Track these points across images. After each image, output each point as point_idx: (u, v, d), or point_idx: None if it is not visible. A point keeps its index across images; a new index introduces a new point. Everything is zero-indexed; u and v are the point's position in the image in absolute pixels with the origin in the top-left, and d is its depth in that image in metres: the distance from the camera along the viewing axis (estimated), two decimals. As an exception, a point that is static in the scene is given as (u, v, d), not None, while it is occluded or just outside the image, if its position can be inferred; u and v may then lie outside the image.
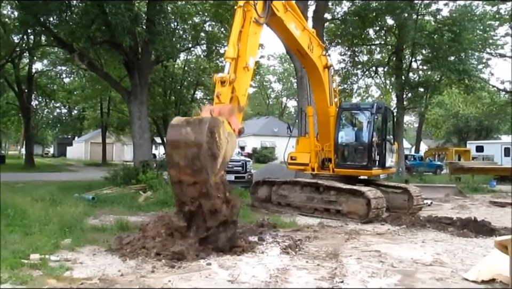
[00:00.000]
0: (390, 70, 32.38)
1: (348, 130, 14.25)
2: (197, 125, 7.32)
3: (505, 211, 15.15)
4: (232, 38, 8.89)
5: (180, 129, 7.46)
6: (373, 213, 11.55)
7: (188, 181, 7.46)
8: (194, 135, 7.24)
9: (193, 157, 7.27)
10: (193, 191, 7.46)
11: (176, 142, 7.45)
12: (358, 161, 13.41)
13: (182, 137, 7.36)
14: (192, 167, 7.32)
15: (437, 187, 20.76)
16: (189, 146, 7.27)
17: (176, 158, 7.45)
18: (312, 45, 12.55)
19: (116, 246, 7.73)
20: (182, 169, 7.43)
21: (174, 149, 7.49)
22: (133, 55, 20.50)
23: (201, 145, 7.17)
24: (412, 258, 7.60)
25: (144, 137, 20.95)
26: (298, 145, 14.70)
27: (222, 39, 27.15)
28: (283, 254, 7.64)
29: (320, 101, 13.68)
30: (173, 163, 7.55)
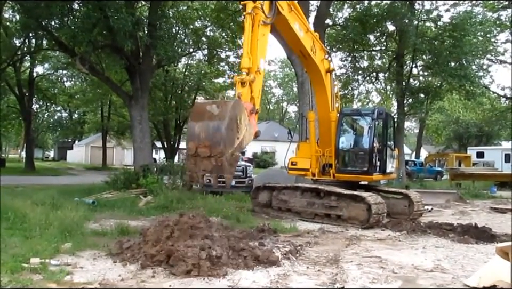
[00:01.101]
0: (390, 75, 32.43)
1: (349, 135, 14.26)
2: (223, 104, 7.84)
3: (506, 217, 15.13)
4: (246, 47, 9.07)
5: (205, 105, 7.95)
6: (373, 218, 11.54)
7: (204, 153, 7.76)
8: (218, 110, 7.66)
9: (214, 129, 7.63)
10: (207, 164, 7.78)
11: (200, 114, 7.81)
12: (359, 166, 13.41)
13: (206, 110, 7.74)
14: (212, 139, 7.65)
15: (438, 193, 20.75)
16: (211, 119, 7.64)
17: (197, 130, 7.77)
18: (315, 47, 12.57)
19: (116, 250, 7.72)
20: (202, 141, 7.75)
21: (197, 121, 7.82)
22: (134, 59, 20.56)
23: (224, 118, 7.53)
24: (412, 264, 7.59)
25: (145, 142, 20.97)
26: (298, 150, 14.65)
27: (223, 44, 27.27)
28: (284, 259, 7.61)
29: (321, 105, 13.67)
30: (193, 135, 7.86)
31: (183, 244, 7.04)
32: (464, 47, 25.63)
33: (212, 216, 12.00)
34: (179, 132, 36.38)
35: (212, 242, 7.28)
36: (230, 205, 14.93)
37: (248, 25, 9.21)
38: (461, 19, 27.32)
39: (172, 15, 23.79)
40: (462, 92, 31.14)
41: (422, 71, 33.47)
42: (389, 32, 30.80)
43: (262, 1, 9.37)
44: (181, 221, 7.73)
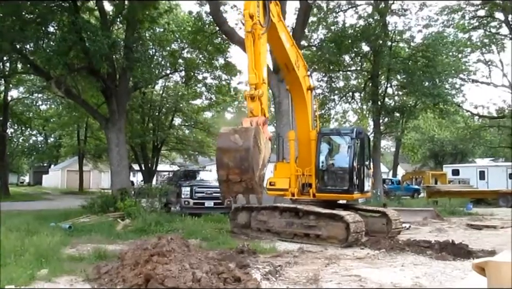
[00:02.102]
0: (366, 95, 32.90)
1: (327, 155, 14.33)
2: (244, 132, 8.71)
3: (482, 233, 15.33)
4: (251, 64, 9.65)
5: (228, 137, 8.76)
6: (352, 236, 11.58)
7: (235, 179, 8.69)
8: (242, 141, 8.56)
9: (242, 159, 8.57)
10: (239, 187, 8.79)
11: (226, 147, 8.69)
12: (340, 185, 13.52)
13: (231, 143, 8.61)
14: (240, 167, 8.55)
15: (415, 211, 20.92)
16: (238, 150, 8.53)
17: (225, 160, 8.66)
18: (298, 62, 12.85)
19: (94, 275, 7.59)
20: (231, 170, 8.66)
21: (224, 153, 8.70)
22: (110, 82, 20.48)
23: (249, 149, 8.45)
24: (391, 282, 7.62)
25: (122, 165, 20.81)
26: (276, 170, 14.61)
27: (200, 66, 27.37)
28: (264, 280, 7.58)
29: (302, 124, 13.81)
30: (222, 165, 8.72)
31: (162, 268, 6.97)
32: (437, 67, 26.23)
33: (191, 238, 11.92)
34: (157, 154, 36.18)
35: (190, 265, 7.22)
36: (209, 226, 14.87)
37: (250, 43, 9.74)
38: (433, 39, 28.00)
39: (149, 37, 23.86)
40: (436, 111, 31.78)
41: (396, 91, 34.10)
42: (363, 52, 31.34)
43: (258, 18, 9.77)
44: (160, 244, 7.66)
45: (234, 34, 20.38)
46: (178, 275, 6.78)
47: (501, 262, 5.97)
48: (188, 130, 40.68)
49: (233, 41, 21.58)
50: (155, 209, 18.23)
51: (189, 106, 36.07)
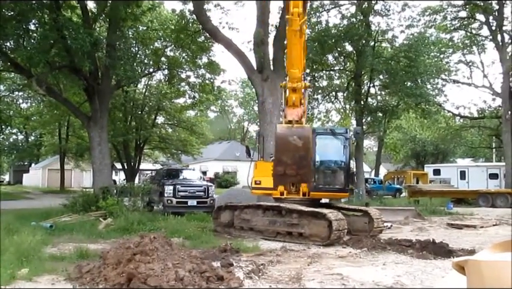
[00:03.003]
0: (349, 95, 33.10)
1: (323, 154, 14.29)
2: (301, 133, 10.16)
3: (462, 233, 15.54)
4: (295, 60, 10.81)
5: (287, 137, 10.13)
6: (334, 234, 11.64)
7: (292, 174, 10.47)
8: (301, 142, 10.10)
9: (301, 157, 10.22)
10: (293, 179, 10.61)
11: (286, 147, 10.10)
12: (335, 184, 13.65)
13: (291, 143, 10.00)
14: (299, 163, 10.18)
15: (397, 210, 21.08)
16: (297, 150, 10.02)
17: (284, 158, 10.15)
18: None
19: (75, 274, 7.53)
20: (289, 166, 10.23)
21: (284, 152, 10.16)
22: (93, 80, 20.31)
23: (308, 149, 10.04)
24: (373, 281, 7.69)
25: (104, 163, 20.67)
26: (256, 169, 14.34)
27: (183, 64, 27.26)
28: (246, 278, 7.59)
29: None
30: (281, 162, 10.26)
31: (145, 266, 6.94)
32: (419, 67, 26.50)
33: (174, 237, 11.88)
34: (139, 153, 35.97)
35: (173, 263, 7.21)
36: (192, 225, 14.85)
37: (296, 40, 10.66)
38: (415, 40, 28.26)
39: (131, 36, 23.70)
40: (418, 111, 32.12)
41: (379, 91, 34.37)
42: (347, 52, 31.52)
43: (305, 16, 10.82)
44: (142, 243, 7.63)
45: (218, 33, 20.35)
46: (161, 274, 6.76)
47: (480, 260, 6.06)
48: (171, 129, 40.51)
49: (216, 40, 21.55)
50: (137, 208, 18.17)
51: (172, 105, 35.90)
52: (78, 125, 38.19)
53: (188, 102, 34.33)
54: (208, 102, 33.96)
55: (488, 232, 15.62)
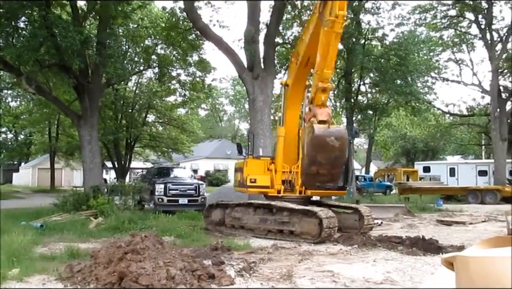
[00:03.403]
0: (339, 93, 33.16)
1: None
2: (338, 134, 10.35)
3: (452, 229, 15.67)
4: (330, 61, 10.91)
5: (325, 138, 10.19)
6: (325, 232, 11.69)
7: (324, 173, 10.68)
8: (338, 143, 10.22)
9: (336, 157, 10.45)
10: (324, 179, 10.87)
11: (323, 148, 10.20)
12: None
13: (329, 145, 10.13)
14: (332, 164, 10.49)
15: (387, 207, 21.22)
16: (334, 151, 10.22)
17: (319, 158, 10.29)
18: None
19: (67, 274, 7.52)
20: (322, 166, 10.42)
21: (320, 153, 10.27)
22: (82, 78, 20.22)
23: (344, 151, 10.26)
24: (363, 277, 7.74)
25: (95, 162, 20.61)
26: (247, 166, 14.25)
27: (174, 62, 27.20)
28: (238, 276, 7.62)
29: (293, 120, 13.88)
30: (315, 162, 10.38)
31: (136, 265, 6.95)
32: (409, 65, 26.62)
33: (165, 235, 11.90)
34: (130, 151, 35.84)
35: (164, 262, 7.22)
36: (183, 224, 14.85)
37: (336, 42, 10.92)
38: (405, 38, 28.38)
39: (122, 33, 23.60)
40: (408, 108, 32.28)
41: (369, 88, 34.48)
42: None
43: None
44: (133, 242, 7.64)
45: (208, 31, 20.32)
46: (152, 272, 6.78)
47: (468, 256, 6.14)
48: (162, 127, 40.41)
49: (207, 38, 21.51)
50: (128, 207, 18.14)
51: (162, 103, 35.79)
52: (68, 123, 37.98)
53: (178, 100, 34.25)
54: (198, 100, 33.92)
55: (477, 229, 15.76)
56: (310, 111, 11.09)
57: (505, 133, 32.63)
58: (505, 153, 33.08)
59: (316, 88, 10.92)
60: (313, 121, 10.74)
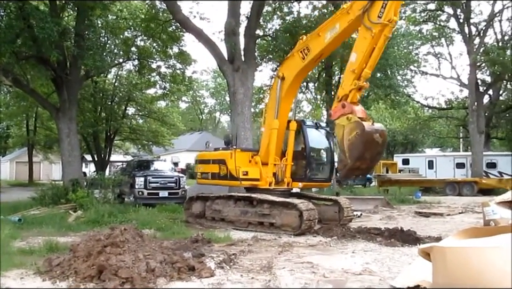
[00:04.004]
0: (320, 85, 33.27)
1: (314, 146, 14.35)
2: (381, 131, 10.97)
3: (429, 221, 15.91)
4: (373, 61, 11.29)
5: (372, 135, 10.66)
6: (305, 224, 11.78)
7: (364, 168, 11.28)
8: (381, 139, 10.81)
9: (378, 153, 11.22)
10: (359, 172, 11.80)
11: (370, 144, 10.62)
12: (321, 175, 14.27)
13: (374, 141, 10.66)
14: (373, 159, 11.20)
15: (366, 199, 21.46)
16: (378, 146, 10.79)
17: (366, 154, 10.72)
18: None
19: (45, 268, 7.44)
20: (365, 160, 10.81)
21: (367, 148, 10.62)
22: (61, 71, 19.97)
23: (384, 146, 10.97)
24: (342, 268, 7.82)
25: (74, 155, 20.42)
26: (232, 159, 13.95)
27: (154, 54, 26.96)
28: (218, 268, 7.64)
29: (285, 113, 13.83)
30: (360, 157, 10.68)
31: (115, 258, 6.92)
32: (389, 59, 26.77)
33: (145, 228, 11.87)
34: (110, 144, 35.53)
35: (144, 255, 7.21)
36: (163, 216, 14.84)
37: (384, 44, 11.30)
38: (384, 32, 28.50)
39: (100, 25, 23.29)
40: (387, 101, 32.54)
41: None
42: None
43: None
44: (113, 235, 7.60)
45: (189, 23, 20.20)
46: (132, 265, 6.77)
47: (445, 247, 6.24)
48: (142, 120, 40.11)
49: (187, 30, 21.37)
50: (108, 200, 18.03)
51: (142, 96, 35.49)
52: (46, 116, 37.51)
53: (158, 92, 33.99)
54: (179, 92, 33.69)
55: (454, 220, 16.02)
56: (344, 107, 11.09)
57: (482, 126, 33.14)
58: (482, 146, 33.62)
59: (353, 86, 11.13)
60: (351, 118, 10.88)
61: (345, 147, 10.94)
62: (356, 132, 10.69)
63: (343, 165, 11.37)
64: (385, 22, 10.66)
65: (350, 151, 10.84)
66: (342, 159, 11.27)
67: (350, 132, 10.83)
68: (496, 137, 46.59)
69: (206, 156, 15.64)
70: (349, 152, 10.88)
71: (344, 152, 11.06)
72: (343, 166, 11.38)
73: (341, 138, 11.25)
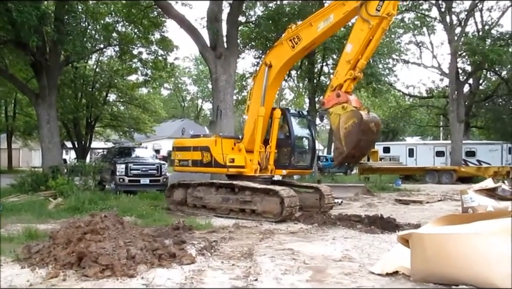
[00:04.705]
0: (302, 73, 33.30)
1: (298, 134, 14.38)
2: (376, 122, 11.14)
3: (409, 208, 16.12)
4: (370, 53, 11.36)
5: (369, 124, 10.76)
6: (286, 211, 11.85)
7: (358, 155, 11.53)
8: (376, 129, 10.95)
9: (372, 141, 11.65)
10: (352, 160, 12.15)
11: (366, 133, 10.71)
12: (303, 162, 14.37)
13: (370, 130, 10.78)
14: (367, 147, 11.51)
15: (347, 186, 21.64)
16: (372, 135, 11.01)
17: (360, 143, 10.80)
18: None
19: (24, 255, 7.37)
20: (359, 148, 10.97)
21: (363, 137, 10.76)
22: (40, 56, 19.67)
23: (378, 136, 11.29)
24: (323, 255, 7.89)
25: (54, 141, 20.21)
26: (216, 145, 13.91)
27: (135, 40, 26.68)
28: (199, 255, 7.65)
29: (270, 101, 13.82)
30: (356, 146, 10.82)
31: (96, 245, 6.89)
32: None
33: (126, 216, 11.82)
34: (90, 131, 35.22)
35: (125, 242, 7.19)
36: (145, 204, 14.81)
37: (381, 37, 11.46)
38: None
39: (81, 10, 22.95)
40: (369, 90, 32.70)
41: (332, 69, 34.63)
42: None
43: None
44: (93, 222, 7.55)
45: (170, 8, 20.00)
46: (112, 252, 6.74)
47: (423, 233, 6.35)
48: (123, 107, 39.80)
49: (169, 16, 21.18)
50: (89, 187, 17.92)
51: (124, 82, 35.17)
52: (25, 102, 37.00)
53: (140, 79, 33.71)
54: (161, 79, 33.49)
55: (433, 207, 16.25)
56: (339, 96, 11.15)
57: (462, 115, 33.55)
58: (462, 135, 34.05)
59: (349, 77, 11.23)
60: (347, 106, 11.00)
61: (342, 136, 11.02)
62: (353, 121, 10.77)
63: (339, 153, 11.47)
64: (384, 15, 10.70)
65: (346, 139, 10.92)
66: (338, 146, 11.37)
67: (347, 121, 10.90)
68: (475, 126, 47.23)
69: (184, 143, 15.49)
70: (345, 140, 10.96)
71: (340, 140, 11.16)
72: (339, 154, 11.48)
73: (336, 127, 11.29)
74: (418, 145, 39.79)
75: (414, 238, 6.20)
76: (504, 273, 5.42)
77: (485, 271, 5.55)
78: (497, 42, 31.82)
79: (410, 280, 6.15)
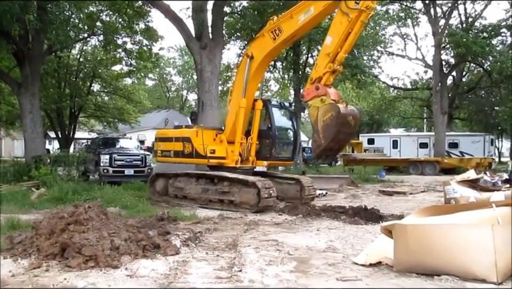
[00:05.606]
0: (287, 65, 33.27)
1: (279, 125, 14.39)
2: (355, 114, 11.30)
3: (392, 199, 16.27)
4: (349, 45, 11.41)
5: (347, 117, 10.87)
6: (263, 202, 11.94)
7: (336, 148, 11.64)
8: (354, 122, 11.01)
9: (350, 134, 11.71)
10: (330, 153, 11.96)
11: (344, 126, 10.80)
12: (285, 154, 14.51)
13: (347, 123, 10.87)
14: (345, 140, 11.83)
15: (332, 178, 21.73)
16: (350, 128, 11.10)
17: (338, 136, 10.90)
18: None
19: (6, 245, 7.32)
20: (337, 141, 11.16)
21: (342, 130, 10.87)
22: (23, 44, 19.45)
23: (356, 129, 11.26)
24: (307, 246, 7.94)
25: (37, 131, 20.02)
26: (197, 137, 13.95)
27: (119, 30, 26.39)
28: (183, 246, 7.66)
29: (252, 93, 13.83)
30: (334, 139, 10.94)
31: (79, 236, 6.85)
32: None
33: (110, 206, 11.79)
34: (74, 121, 34.85)
35: (109, 233, 7.16)
36: (129, 194, 14.75)
37: (361, 30, 11.46)
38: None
39: (64, -2, 22.64)
40: (354, 81, 32.80)
41: (317, 61, 34.67)
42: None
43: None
44: (77, 213, 7.51)
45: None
46: (96, 243, 6.71)
47: (406, 224, 6.42)
48: (107, 97, 39.43)
49: (154, 5, 21.05)
50: (72, 178, 17.83)
51: (108, 72, 34.82)
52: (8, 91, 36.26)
53: (124, 69, 33.38)
54: (145, 69, 33.19)
55: (417, 198, 16.42)
56: (318, 89, 11.17)
57: (445, 107, 33.84)
58: (445, 126, 34.37)
59: (328, 69, 11.22)
60: (325, 99, 11.06)
61: (320, 129, 11.07)
62: (331, 114, 10.83)
63: (317, 145, 11.53)
64: (363, 8, 10.72)
65: (324, 132, 10.98)
66: (316, 139, 11.43)
67: (325, 114, 10.94)
68: (458, 118, 47.69)
69: (167, 134, 15.59)
70: (323, 133, 11.02)
71: (318, 133, 11.21)
72: (317, 147, 11.54)
73: (315, 120, 11.33)
74: (402, 137, 40.03)
75: (397, 229, 6.26)
76: (485, 263, 5.51)
77: (466, 261, 5.64)
78: (480, 34, 32.08)
79: (393, 270, 6.21)
